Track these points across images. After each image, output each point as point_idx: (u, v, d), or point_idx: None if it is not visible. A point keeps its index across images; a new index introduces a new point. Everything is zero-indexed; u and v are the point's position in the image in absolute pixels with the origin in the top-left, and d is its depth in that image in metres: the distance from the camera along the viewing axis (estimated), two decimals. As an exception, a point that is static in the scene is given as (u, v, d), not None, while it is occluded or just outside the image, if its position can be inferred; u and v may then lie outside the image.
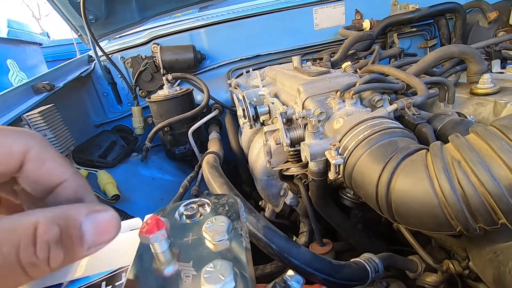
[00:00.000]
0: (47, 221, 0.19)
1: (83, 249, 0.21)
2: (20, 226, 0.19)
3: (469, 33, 1.46)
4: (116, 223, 0.23)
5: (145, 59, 1.44)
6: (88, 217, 0.21)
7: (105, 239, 0.22)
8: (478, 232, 0.38)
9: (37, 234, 0.19)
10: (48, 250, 0.19)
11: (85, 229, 0.21)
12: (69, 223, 0.20)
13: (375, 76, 0.68)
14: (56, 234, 0.19)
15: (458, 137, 0.41)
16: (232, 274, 0.23)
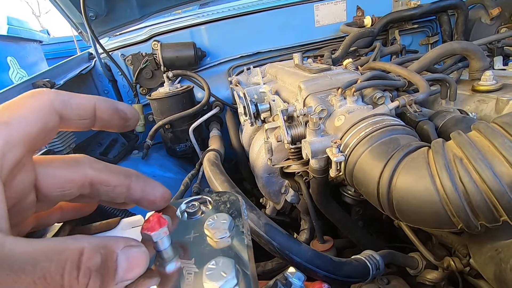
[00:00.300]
0: (91, 248, 0.20)
1: (114, 281, 0.22)
2: (68, 249, 0.19)
3: (471, 29, 1.45)
4: (145, 260, 0.24)
5: (146, 56, 1.44)
6: (123, 250, 0.22)
7: (133, 275, 0.23)
8: (479, 229, 0.38)
9: (82, 260, 0.20)
10: (89, 277, 0.20)
11: (119, 262, 0.22)
12: (108, 254, 0.21)
13: (377, 73, 0.67)
14: (98, 263, 0.20)
15: (460, 134, 0.41)
16: (234, 271, 0.23)
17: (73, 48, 3.69)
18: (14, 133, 0.21)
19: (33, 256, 0.18)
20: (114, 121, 0.27)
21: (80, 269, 0.19)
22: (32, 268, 0.18)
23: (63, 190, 0.25)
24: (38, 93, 0.23)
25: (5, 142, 0.20)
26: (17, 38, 2.65)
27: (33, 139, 0.22)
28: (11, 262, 0.17)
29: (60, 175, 0.25)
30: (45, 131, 0.23)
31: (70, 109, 0.24)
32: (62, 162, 0.26)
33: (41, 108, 0.22)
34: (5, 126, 0.21)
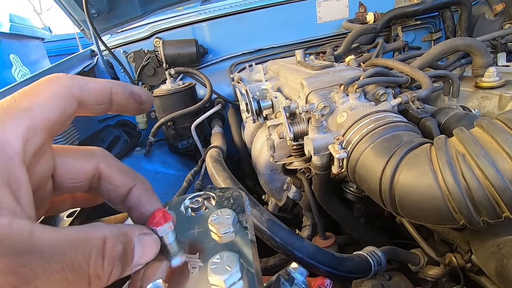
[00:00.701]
0: (113, 237, 0.21)
1: (131, 267, 0.23)
2: (91, 237, 0.20)
3: (474, 25, 1.44)
4: (157, 246, 0.25)
5: (148, 53, 1.44)
6: (138, 238, 0.23)
7: (145, 260, 0.24)
8: (481, 226, 0.39)
9: (105, 249, 0.20)
10: (113, 265, 0.21)
11: (135, 249, 0.23)
12: (127, 241, 0.22)
13: (379, 70, 0.67)
14: (121, 251, 0.21)
15: (462, 130, 0.41)
16: (239, 265, 0.23)
17: (75, 46, 3.69)
18: (36, 120, 0.21)
19: (61, 244, 0.19)
20: (130, 105, 0.27)
21: (105, 257, 0.20)
22: (61, 256, 0.18)
23: (76, 181, 0.25)
24: (55, 79, 0.23)
25: (27, 129, 0.20)
26: (20, 36, 2.65)
27: (53, 126, 0.22)
28: (42, 250, 0.18)
29: (76, 166, 0.25)
30: (64, 117, 0.23)
31: (88, 94, 0.24)
32: (79, 154, 0.26)
33: (60, 94, 0.22)
34: (26, 113, 0.21)
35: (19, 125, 0.20)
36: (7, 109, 0.21)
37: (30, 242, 0.18)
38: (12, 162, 0.19)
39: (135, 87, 0.27)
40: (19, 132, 0.20)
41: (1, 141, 0.19)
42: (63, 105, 0.22)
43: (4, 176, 0.19)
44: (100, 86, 0.25)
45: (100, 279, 0.20)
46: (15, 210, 0.18)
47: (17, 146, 0.20)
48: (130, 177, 0.27)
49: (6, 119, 0.20)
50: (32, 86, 0.22)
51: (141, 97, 0.28)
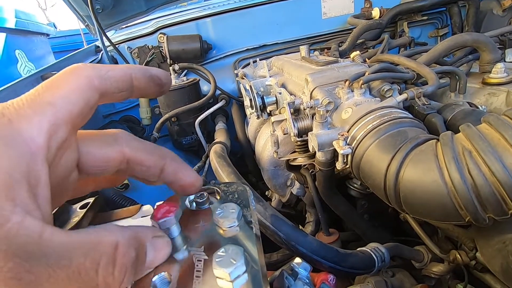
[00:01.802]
0: (126, 242, 0.20)
1: (142, 272, 0.22)
2: (102, 243, 0.19)
3: (482, 21, 1.42)
4: (169, 249, 0.25)
5: (152, 49, 1.44)
6: (151, 241, 0.23)
7: (157, 264, 0.24)
8: (487, 222, 0.38)
9: (117, 255, 0.19)
10: (125, 273, 0.20)
11: (148, 252, 0.22)
12: (140, 246, 0.21)
13: (385, 66, 0.67)
14: (133, 258, 0.20)
15: (469, 126, 0.40)
16: (244, 259, 0.24)
17: (80, 41, 3.70)
18: (59, 114, 0.21)
19: (69, 249, 0.18)
20: (150, 89, 0.27)
21: (116, 265, 0.19)
22: (68, 262, 0.17)
23: (102, 168, 0.25)
24: (77, 70, 0.23)
25: (51, 124, 0.20)
26: (25, 32, 2.66)
27: (76, 119, 0.22)
28: (48, 254, 0.17)
29: (100, 154, 0.25)
30: (87, 108, 0.23)
31: (109, 83, 0.24)
32: (102, 140, 0.25)
33: (82, 86, 0.22)
34: (50, 107, 0.20)
35: (43, 120, 0.20)
36: (31, 103, 0.20)
37: (39, 244, 0.17)
38: (34, 157, 0.19)
39: (153, 70, 0.27)
40: (43, 127, 0.20)
41: (25, 137, 0.19)
42: (85, 97, 0.22)
43: (25, 171, 0.18)
44: (121, 73, 0.24)
45: (109, 287, 0.19)
46: (29, 207, 0.18)
47: (41, 142, 0.20)
48: (158, 156, 0.27)
49: (31, 113, 0.20)
50: (54, 78, 0.22)
51: (161, 79, 0.27)
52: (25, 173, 0.18)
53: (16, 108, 0.20)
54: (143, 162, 0.26)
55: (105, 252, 0.19)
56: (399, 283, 0.66)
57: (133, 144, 0.26)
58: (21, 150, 0.19)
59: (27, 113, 0.20)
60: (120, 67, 0.25)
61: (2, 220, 0.16)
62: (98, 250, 0.19)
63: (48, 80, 0.22)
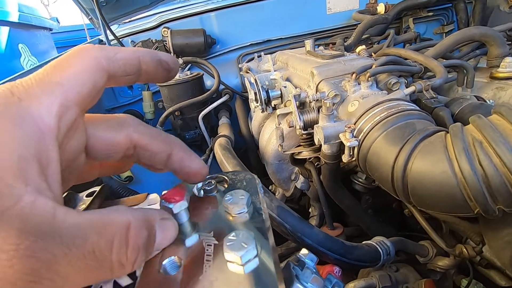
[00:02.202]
0: (137, 223, 0.20)
1: (152, 251, 0.22)
2: (114, 223, 0.19)
3: (488, 18, 1.40)
4: (175, 231, 0.25)
5: (156, 43, 1.43)
6: (159, 223, 0.23)
7: (164, 245, 0.24)
8: (496, 214, 0.38)
9: (129, 235, 0.19)
10: (137, 252, 0.20)
11: (157, 234, 0.22)
12: (151, 227, 0.21)
13: (392, 59, 0.66)
14: (145, 238, 0.20)
15: (480, 117, 0.40)
16: (254, 243, 0.23)
17: (83, 37, 3.69)
18: (68, 95, 0.20)
19: (82, 228, 0.18)
20: (158, 74, 0.26)
21: (129, 244, 0.19)
22: (82, 241, 0.17)
23: (109, 153, 0.25)
24: (85, 51, 0.22)
25: (60, 105, 0.20)
26: (28, 26, 2.66)
27: (85, 100, 0.22)
28: (62, 234, 0.17)
29: (107, 138, 0.25)
30: (95, 90, 0.22)
31: (117, 66, 0.23)
32: (109, 124, 0.25)
33: (90, 67, 0.21)
34: (58, 87, 0.20)
35: (52, 100, 0.20)
36: (40, 82, 0.20)
37: (52, 225, 0.17)
38: (45, 138, 0.19)
39: (162, 54, 0.26)
40: (53, 107, 0.19)
41: (35, 117, 0.19)
42: (93, 78, 0.22)
43: (36, 152, 0.18)
44: (129, 56, 0.24)
45: (123, 267, 0.19)
46: (41, 187, 0.17)
47: (51, 123, 0.19)
48: (166, 143, 0.27)
49: (40, 93, 0.19)
50: (62, 59, 0.22)
51: (169, 64, 0.27)
52: (35, 153, 0.18)
53: (25, 87, 0.19)
54: (150, 148, 0.26)
55: (118, 232, 0.19)
56: (403, 278, 0.65)
57: (141, 129, 0.26)
58: (31, 130, 0.18)
59: (36, 92, 0.19)
60: (129, 49, 0.25)
61: (14, 200, 0.16)
62: (111, 229, 0.19)
63: (56, 60, 0.22)
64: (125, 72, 0.24)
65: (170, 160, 0.27)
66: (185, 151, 0.28)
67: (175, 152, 0.27)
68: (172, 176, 0.86)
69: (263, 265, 0.23)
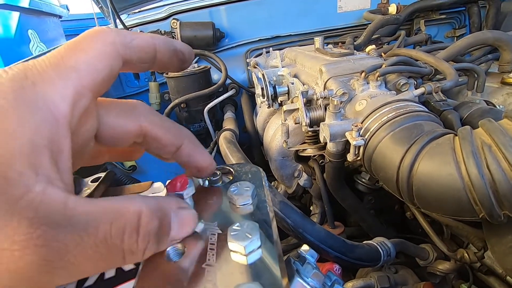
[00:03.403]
0: (149, 212, 0.20)
1: (167, 241, 0.22)
2: (126, 211, 0.19)
3: (501, 23, 1.38)
4: (195, 222, 0.24)
5: (165, 34, 1.43)
6: (176, 212, 0.22)
7: (182, 235, 0.23)
8: (501, 219, 0.38)
9: (141, 224, 0.19)
10: (148, 241, 0.20)
11: (172, 224, 0.22)
12: (164, 217, 0.21)
13: (403, 59, 0.65)
14: (156, 227, 0.20)
15: (490, 121, 0.39)
16: (259, 234, 0.23)
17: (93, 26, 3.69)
18: (83, 81, 0.20)
19: (95, 217, 0.18)
20: (173, 63, 0.26)
21: (139, 233, 0.19)
22: (94, 230, 0.17)
23: (118, 139, 0.25)
24: (102, 35, 0.22)
25: (75, 91, 0.19)
26: (38, 12, 2.67)
27: (100, 86, 0.21)
28: (74, 223, 0.17)
29: (118, 125, 0.24)
30: (110, 76, 0.22)
31: (133, 52, 0.23)
32: (120, 111, 0.25)
33: (107, 53, 0.21)
34: (74, 72, 0.20)
35: (67, 86, 0.19)
36: (55, 67, 0.19)
37: (64, 214, 0.17)
38: (58, 125, 0.18)
39: (178, 43, 0.26)
40: (68, 93, 0.19)
41: (49, 103, 0.18)
42: (110, 64, 0.21)
43: (48, 139, 0.18)
44: (145, 43, 0.23)
45: (134, 254, 0.19)
46: (52, 176, 0.17)
47: (65, 110, 0.19)
48: (176, 136, 0.26)
49: (55, 77, 0.19)
50: (77, 41, 0.21)
51: (184, 54, 0.26)
52: (48, 141, 0.18)
53: (39, 70, 0.19)
54: (160, 139, 0.26)
55: (129, 221, 0.19)
56: (402, 280, 0.65)
57: (152, 119, 0.26)
58: (45, 117, 0.18)
59: (51, 76, 0.19)
60: (145, 36, 0.24)
61: (24, 189, 0.16)
62: (122, 218, 0.19)
63: (71, 42, 0.21)
64: (140, 59, 0.24)
65: (178, 153, 0.27)
66: (195, 145, 0.28)
67: (185, 146, 0.27)
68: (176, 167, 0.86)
69: (267, 256, 0.23)
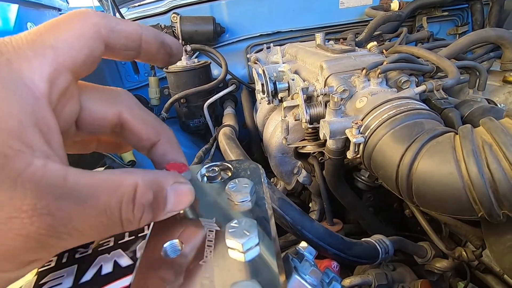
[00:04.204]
0: (145, 185, 0.20)
1: (163, 213, 0.23)
2: (124, 183, 0.20)
3: (504, 21, 1.37)
4: (191, 195, 0.25)
5: (164, 28, 1.42)
6: (172, 186, 0.23)
7: (179, 208, 0.24)
8: (500, 219, 0.37)
9: (137, 195, 0.20)
10: (143, 211, 0.21)
11: (168, 197, 0.22)
12: (159, 190, 0.22)
13: (404, 56, 0.65)
14: (150, 199, 0.21)
15: (491, 120, 0.39)
16: (257, 231, 0.23)
17: (91, 19, 3.66)
18: (60, 59, 0.20)
19: (95, 188, 0.18)
20: (159, 55, 0.26)
21: (135, 204, 0.20)
22: (95, 201, 0.18)
23: (96, 126, 0.24)
24: (84, 15, 0.21)
25: (53, 69, 0.19)
26: (38, 4, 2.64)
27: (79, 67, 0.21)
28: (75, 195, 0.17)
29: (97, 111, 0.24)
30: (91, 58, 0.21)
31: (117, 37, 0.22)
32: (103, 96, 0.24)
33: (88, 34, 0.21)
34: (51, 50, 0.19)
35: (44, 64, 0.19)
36: (32, 44, 0.19)
37: (65, 186, 0.17)
38: (39, 103, 0.18)
39: (167, 37, 0.26)
40: (45, 71, 0.19)
41: (27, 80, 0.18)
42: (90, 45, 0.21)
43: (33, 118, 0.17)
44: (130, 30, 0.23)
45: (131, 223, 0.20)
46: (48, 153, 0.17)
47: (43, 87, 0.19)
48: (155, 131, 0.26)
49: (31, 55, 0.19)
50: (59, 20, 0.21)
51: (172, 48, 0.26)
52: (35, 120, 0.18)
53: (15, 47, 0.19)
54: (137, 131, 0.26)
55: (127, 192, 0.19)
56: (400, 277, 0.66)
57: (133, 110, 0.25)
58: (26, 96, 0.18)
59: (27, 54, 0.19)
60: (132, 23, 0.24)
61: (25, 164, 0.16)
62: (121, 189, 0.19)
63: (53, 20, 0.21)
64: (124, 46, 0.23)
65: (154, 149, 0.27)
66: (171, 146, 0.27)
67: (160, 144, 0.27)
68: (175, 163, 0.82)
69: (264, 253, 0.23)
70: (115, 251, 0.33)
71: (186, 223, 0.26)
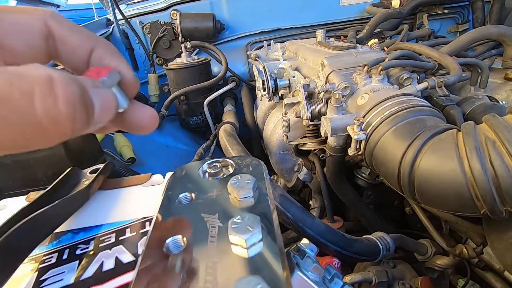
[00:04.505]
0: (64, 78, 0.17)
1: (94, 118, 0.19)
2: (29, 74, 0.16)
3: (505, 19, 1.37)
4: (115, 101, 0.22)
5: (164, 25, 1.41)
6: (93, 90, 0.19)
7: (107, 117, 0.21)
8: (503, 215, 0.37)
9: (55, 87, 0.16)
10: (73, 107, 0.17)
11: (93, 100, 0.19)
12: (81, 86, 0.18)
13: (406, 53, 0.65)
14: (78, 92, 0.17)
15: (494, 116, 0.39)
16: (260, 227, 0.23)
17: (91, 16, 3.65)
18: None
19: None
20: None
21: (58, 97, 0.16)
22: None
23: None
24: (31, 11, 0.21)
25: None
26: (36, 1, 2.63)
27: None
28: None
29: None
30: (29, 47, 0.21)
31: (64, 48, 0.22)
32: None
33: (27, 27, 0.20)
34: None
35: None
36: None
37: None
38: None
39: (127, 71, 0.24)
40: None
41: None
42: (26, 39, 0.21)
43: None
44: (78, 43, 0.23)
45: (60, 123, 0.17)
46: None
47: None
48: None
49: None
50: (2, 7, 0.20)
51: None
52: None
53: None
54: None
55: (38, 83, 0.16)
56: (400, 274, 0.66)
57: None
58: None
59: None
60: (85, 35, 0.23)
61: None
62: (26, 79, 0.16)
63: None
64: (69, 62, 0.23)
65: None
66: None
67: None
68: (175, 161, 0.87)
69: (268, 249, 0.23)
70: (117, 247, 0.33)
71: (188, 219, 0.26)
